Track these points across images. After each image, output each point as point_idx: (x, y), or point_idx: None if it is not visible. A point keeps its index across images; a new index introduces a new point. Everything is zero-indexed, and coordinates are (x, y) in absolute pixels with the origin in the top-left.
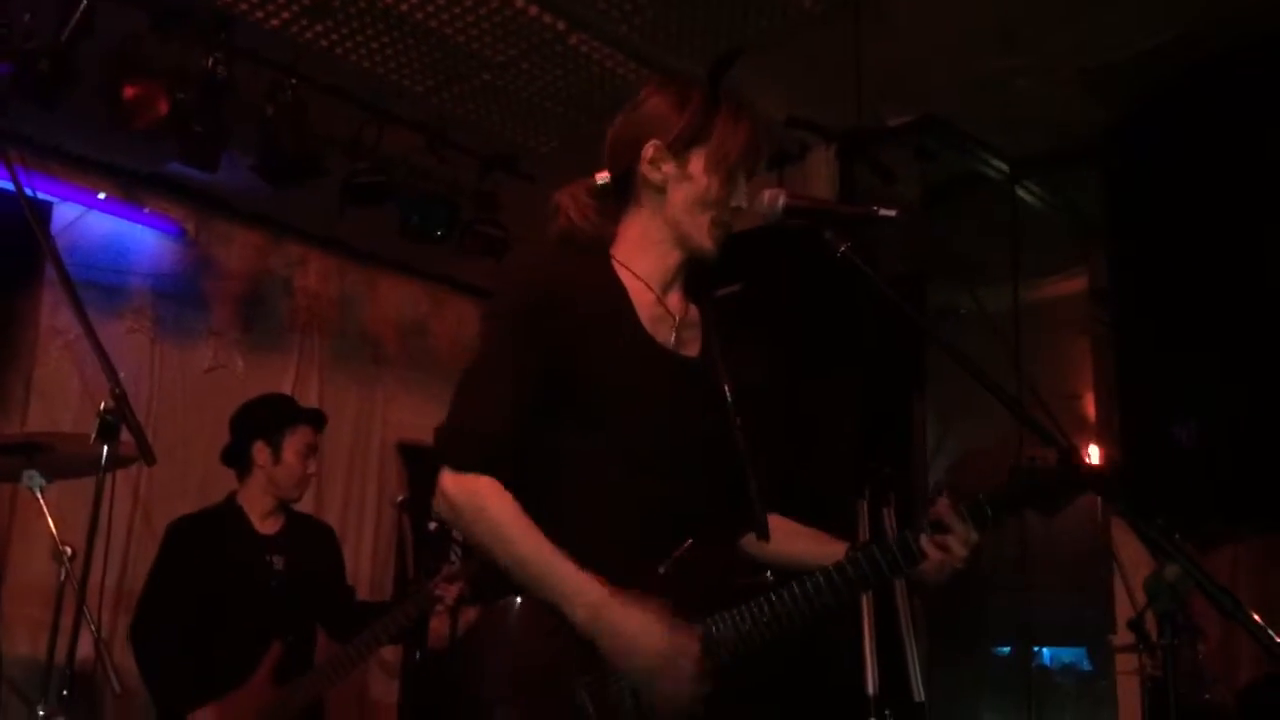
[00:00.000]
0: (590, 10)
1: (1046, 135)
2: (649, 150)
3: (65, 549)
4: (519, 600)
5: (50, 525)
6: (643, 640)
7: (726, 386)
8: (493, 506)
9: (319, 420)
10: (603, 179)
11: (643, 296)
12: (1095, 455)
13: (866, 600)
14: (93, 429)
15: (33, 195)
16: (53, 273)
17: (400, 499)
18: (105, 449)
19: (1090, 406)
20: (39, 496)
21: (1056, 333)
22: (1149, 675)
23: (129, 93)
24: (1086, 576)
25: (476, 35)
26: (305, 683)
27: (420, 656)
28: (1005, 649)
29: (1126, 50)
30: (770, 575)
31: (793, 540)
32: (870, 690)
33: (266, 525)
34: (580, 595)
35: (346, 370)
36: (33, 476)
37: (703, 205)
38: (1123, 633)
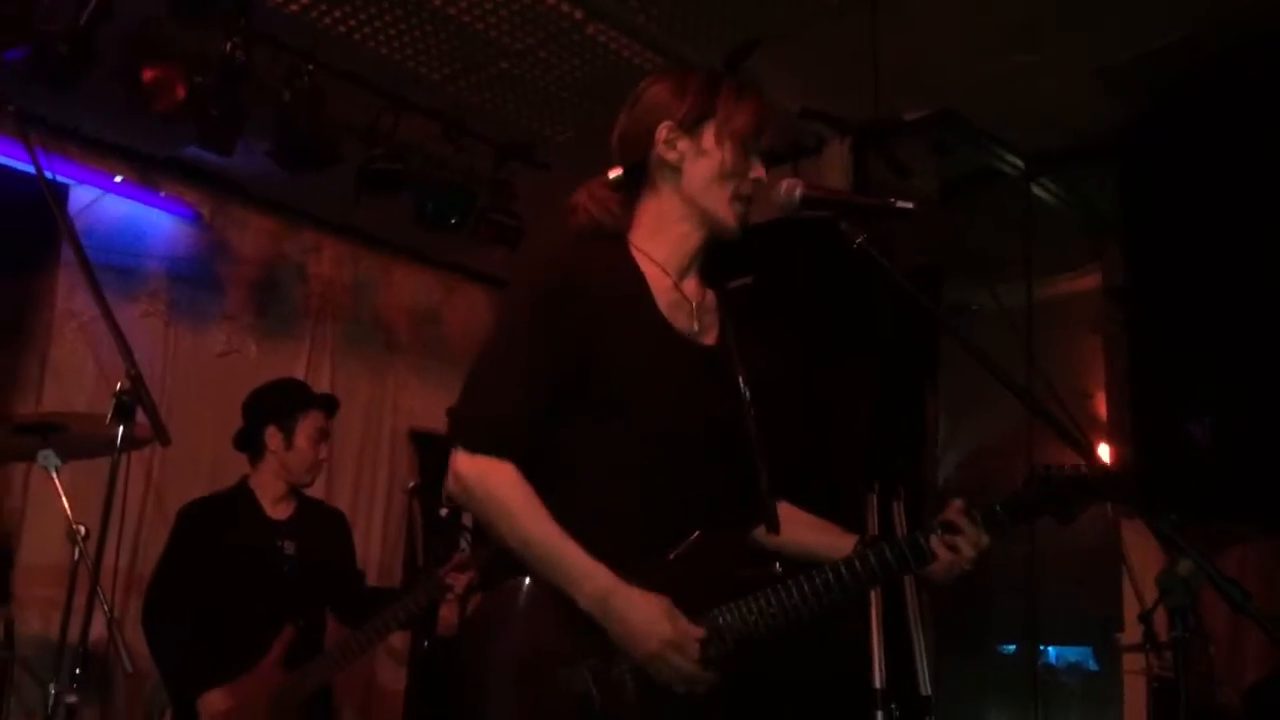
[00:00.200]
0: None
1: (1062, 132)
2: (662, 131)
3: (79, 529)
4: (526, 582)
5: (65, 505)
6: (647, 626)
7: (741, 376)
8: (504, 488)
9: (331, 406)
10: (616, 174)
11: (660, 282)
12: (1107, 454)
13: (875, 594)
14: (109, 409)
15: (51, 177)
16: (69, 255)
17: (411, 485)
18: (121, 429)
19: (1102, 404)
20: (54, 476)
21: (1069, 330)
22: (1156, 675)
23: (148, 76)
24: (1094, 575)
25: (494, 23)
26: (315, 667)
27: (428, 644)
28: (1011, 647)
29: (1139, 48)
30: (779, 566)
31: (803, 531)
32: (877, 683)
33: (278, 510)
34: (587, 580)
35: (359, 356)
36: (48, 456)
37: (721, 178)
38: (1130, 632)
